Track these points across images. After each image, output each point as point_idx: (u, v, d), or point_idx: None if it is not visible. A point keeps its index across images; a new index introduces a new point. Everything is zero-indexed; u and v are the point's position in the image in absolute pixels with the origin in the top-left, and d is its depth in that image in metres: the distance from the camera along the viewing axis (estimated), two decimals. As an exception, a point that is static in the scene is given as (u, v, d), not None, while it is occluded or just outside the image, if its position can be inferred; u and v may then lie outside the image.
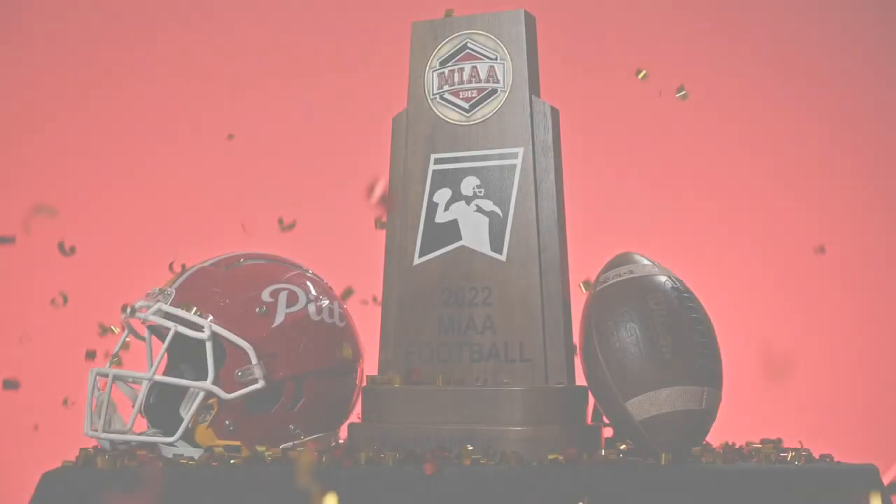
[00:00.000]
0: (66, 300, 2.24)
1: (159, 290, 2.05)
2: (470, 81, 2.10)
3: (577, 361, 2.00)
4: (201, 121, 3.40)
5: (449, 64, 2.11)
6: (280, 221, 2.36)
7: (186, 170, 3.41)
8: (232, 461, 1.92)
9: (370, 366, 2.14)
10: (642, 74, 2.03)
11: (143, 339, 2.11)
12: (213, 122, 3.36)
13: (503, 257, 2.05)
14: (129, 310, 2.06)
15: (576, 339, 2.00)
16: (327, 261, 2.29)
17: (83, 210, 3.26)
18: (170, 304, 2.02)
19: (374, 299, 2.19)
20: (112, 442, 2.03)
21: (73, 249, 2.22)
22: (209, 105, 3.42)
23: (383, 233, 2.14)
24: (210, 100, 3.43)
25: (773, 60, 3.36)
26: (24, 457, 2.39)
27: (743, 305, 3.16)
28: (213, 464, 1.92)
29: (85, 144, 3.45)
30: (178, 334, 1.99)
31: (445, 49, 2.12)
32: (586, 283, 2.11)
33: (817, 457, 1.95)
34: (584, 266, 2.17)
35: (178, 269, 2.15)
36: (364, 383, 2.11)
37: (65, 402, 2.23)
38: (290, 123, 3.43)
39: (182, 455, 1.97)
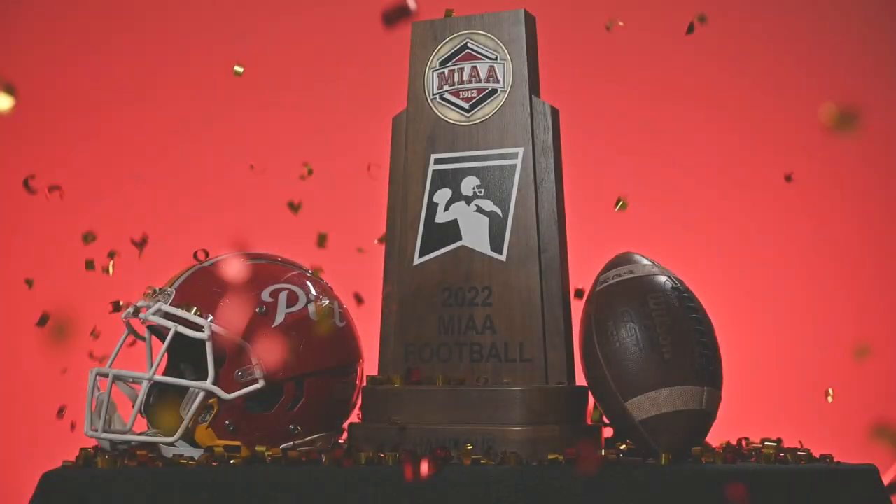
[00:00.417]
0: (91, 239, 2.22)
1: (159, 290, 2.05)
2: (470, 81, 2.10)
3: (577, 361, 2.00)
4: (200, 128, 3.41)
5: (449, 64, 2.11)
6: (302, 177, 2.36)
7: (184, 170, 3.42)
8: (232, 461, 1.92)
9: (370, 366, 2.15)
10: (612, 25, 2.01)
11: (143, 339, 2.11)
12: (211, 127, 3.37)
13: (503, 257, 2.05)
14: (130, 309, 2.06)
15: (576, 339, 2.00)
16: (328, 261, 2.29)
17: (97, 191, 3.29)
18: (170, 304, 2.02)
19: (378, 241, 2.18)
20: (112, 442, 2.03)
21: (56, 188, 2.19)
22: (206, 110, 3.42)
23: (384, 233, 2.14)
24: (207, 105, 3.43)
25: (775, 58, 3.35)
26: (24, 457, 2.39)
27: (743, 305, 3.16)
28: (214, 464, 1.92)
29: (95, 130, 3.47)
30: (178, 334, 1.99)
31: (445, 49, 2.12)
32: (622, 204, 2.08)
33: (817, 457, 1.95)
34: (584, 266, 2.17)
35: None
36: (364, 383, 2.11)
37: (93, 333, 2.22)
38: (290, 125, 3.43)
39: (182, 455, 1.97)
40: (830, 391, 1.99)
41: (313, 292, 2.09)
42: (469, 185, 2.08)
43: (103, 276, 2.25)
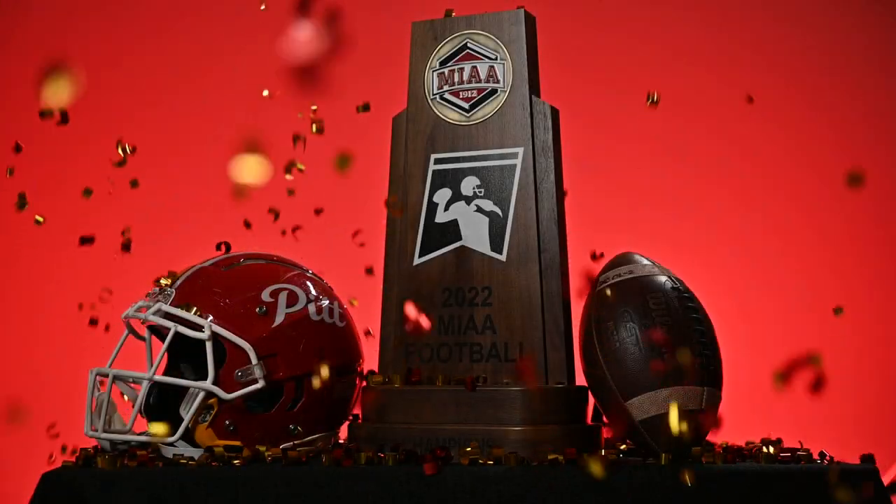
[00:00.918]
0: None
1: (159, 289, 2.05)
2: (470, 81, 2.10)
3: (577, 361, 2.00)
4: (197, 133, 3.41)
5: (449, 64, 2.11)
6: (300, 114, 2.34)
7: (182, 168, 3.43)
8: (232, 461, 1.92)
9: (370, 366, 2.14)
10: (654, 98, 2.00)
11: (143, 339, 2.11)
12: (206, 132, 3.37)
13: (503, 257, 2.05)
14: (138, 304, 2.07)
15: (576, 339, 2.00)
16: (328, 261, 2.28)
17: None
18: (170, 304, 2.02)
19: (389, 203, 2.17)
20: (112, 442, 2.03)
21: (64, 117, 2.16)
22: (202, 111, 3.42)
23: (383, 233, 2.14)
24: (205, 108, 3.43)
25: (777, 59, 3.35)
26: (24, 457, 2.39)
27: (743, 305, 3.16)
28: (213, 464, 1.92)
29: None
30: (178, 334, 1.99)
31: (445, 49, 2.12)
32: (651, 99, 2.07)
33: (817, 457, 1.95)
34: (584, 266, 2.17)
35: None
36: (364, 383, 2.11)
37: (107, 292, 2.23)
38: (290, 124, 3.43)
39: (182, 455, 1.97)
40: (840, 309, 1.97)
41: (313, 292, 2.09)
42: (469, 185, 2.08)
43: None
